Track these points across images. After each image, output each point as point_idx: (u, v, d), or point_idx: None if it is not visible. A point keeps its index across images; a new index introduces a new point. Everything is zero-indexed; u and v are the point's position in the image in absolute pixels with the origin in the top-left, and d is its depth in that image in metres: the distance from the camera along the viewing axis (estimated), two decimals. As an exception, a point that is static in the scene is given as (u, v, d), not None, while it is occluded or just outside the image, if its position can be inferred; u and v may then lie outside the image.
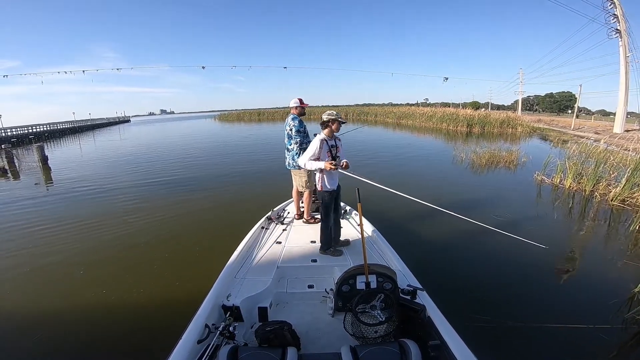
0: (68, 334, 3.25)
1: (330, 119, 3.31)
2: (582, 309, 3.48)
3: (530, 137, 21.54)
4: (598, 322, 3.21)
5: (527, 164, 10.86)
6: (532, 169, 9.74)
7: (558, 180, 8.21)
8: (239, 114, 59.73)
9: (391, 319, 2.19)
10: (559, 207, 6.99)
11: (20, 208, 7.63)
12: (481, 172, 10.30)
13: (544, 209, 6.86)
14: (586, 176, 7.68)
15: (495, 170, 10.46)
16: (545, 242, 3.82)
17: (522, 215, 6.33)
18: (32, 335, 3.22)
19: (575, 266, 4.50)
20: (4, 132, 27.90)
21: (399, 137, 23.49)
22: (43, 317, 3.51)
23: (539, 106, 72.35)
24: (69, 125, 43.63)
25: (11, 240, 5.68)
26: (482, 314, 3.29)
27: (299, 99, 4.11)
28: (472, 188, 8.51)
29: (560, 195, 7.62)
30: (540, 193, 7.88)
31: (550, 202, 7.37)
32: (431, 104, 73.71)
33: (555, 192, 7.86)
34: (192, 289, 3.70)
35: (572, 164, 8.11)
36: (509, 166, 10.76)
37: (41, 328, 3.31)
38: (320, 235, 3.43)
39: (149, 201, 7.85)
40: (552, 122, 32.53)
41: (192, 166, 12.56)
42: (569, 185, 7.89)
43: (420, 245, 5.02)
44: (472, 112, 29.05)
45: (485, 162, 11.09)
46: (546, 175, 8.67)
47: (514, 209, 6.73)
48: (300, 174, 4.13)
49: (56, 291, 4.06)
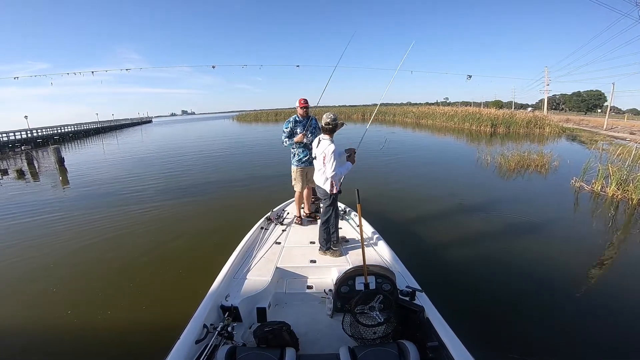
0: (65, 333, 3.27)
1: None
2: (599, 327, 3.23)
3: (560, 137, 20.36)
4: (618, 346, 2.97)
5: (559, 168, 10.07)
6: (565, 174, 9.00)
7: (599, 187, 7.45)
8: (256, 114, 60.41)
9: (390, 320, 2.17)
10: (599, 216, 6.32)
11: (42, 208, 7.67)
12: (509, 176, 9.56)
13: (582, 218, 6.30)
14: (633, 183, 6.91)
15: (524, 174, 9.68)
16: (574, 250, 4.02)
17: (557, 225, 5.87)
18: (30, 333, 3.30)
19: (595, 278, 4.20)
20: (29, 133, 28.76)
21: (421, 137, 22.75)
22: (44, 317, 3.56)
23: (566, 105, 69.58)
24: (93, 126, 44.91)
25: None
26: (481, 316, 3.32)
27: (299, 100, 4.04)
28: (501, 194, 7.87)
29: (601, 204, 6.89)
30: (577, 201, 7.18)
31: (589, 210, 6.71)
32: (451, 103, 72.01)
33: (595, 201, 7.12)
34: (190, 289, 3.72)
35: (615, 169, 7.34)
36: (540, 170, 9.95)
37: (41, 326, 3.39)
38: (320, 235, 3.39)
39: (150, 202, 7.89)
40: (582, 122, 30.89)
41: (194, 167, 12.63)
42: (612, 194, 7.13)
43: (420, 247, 4.98)
44: (496, 111, 27.91)
45: (514, 165, 10.32)
46: (585, 181, 7.91)
47: (548, 217, 6.18)
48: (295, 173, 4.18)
49: (56, 291, 4.06)
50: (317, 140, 3.39)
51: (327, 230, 3.36)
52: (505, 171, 10.04)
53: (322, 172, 3.29)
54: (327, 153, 3.15)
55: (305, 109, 4.01)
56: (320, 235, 3.38)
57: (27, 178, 12.09)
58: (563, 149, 14.46)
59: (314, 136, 3.82)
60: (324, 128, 3.26)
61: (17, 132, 26.99)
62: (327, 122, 3.22)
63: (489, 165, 10.85)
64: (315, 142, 3.44)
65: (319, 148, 3.30)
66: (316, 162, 3.37)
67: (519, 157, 10.77)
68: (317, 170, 3.40)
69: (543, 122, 23.48)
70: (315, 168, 3.43)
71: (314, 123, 4.08)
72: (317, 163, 3.36)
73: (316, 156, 3.35)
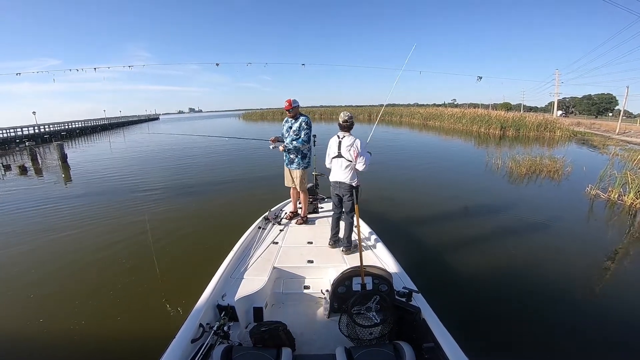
0: (61, 332, 3.23)
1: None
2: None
3: (570, 141, 19.92)
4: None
5: (572, 174, 9.73)
6: (578, 180, 8.71)
7: (616, 196, 7.14)
8: (262, 113, 60.61)
9: (386, 321, 2.17)
10: (614, 225, 6.08)
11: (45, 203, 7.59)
12: (520, 181, 9.25)
13: (598, 226, 6.10)
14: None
15: (536, 180, 9.37)
16: (584, 255, 4.06)
17: (567, 230, 5.77)
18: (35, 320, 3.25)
19: (607, 285, 4.12)
20: (37, 128, 28.93)
21: (428, 139, 22.42)
22: (43, 317, 3.49)
23: (575, 108, 68.50)
24: (100, 123, 45.21)
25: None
26: (477, 317, 3.34)
27: (286, 101, 4.09)
28: (510, 199, 7.54)
29: (617, 213, 6.59)
30: (592, 209, 6.88)
31: (604, 219, 6.43)
32: (459, 104, 71.31)
33: (611, 209, 6.82)
34: (187, 288, 3.71)
35: (634, 177, 7.01)
36: (552, 176, 9.62)
37: (40, 326, 3.34)
38: (350, 232, 3.47)
39: (148, 200, 7.85)
40: (593, 126, 30.26)
41: (193, 165, 12.59)
42: (631, 202, 6.80)
43: (417, 248, 4.97)
44: (505, 113, 27.44)
45: (525, 170, 9.99)
46: (600, 189, 7.58)
47: (558, 223, 6.02)
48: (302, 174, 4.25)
49: (53, 291, 4.03)
50: (336, 139, 3.44)
51: (351, 226, 3.46)
52: (515, 176, 9.74)
53: (349, 167, 3.39)
54: (358, 146, 3.32)
55: (289, 110, 4.05)
56: (350, 232, 3.46)
57: (29, 174, 12.05)
58: (575, 154, 14.05)
59: (298, 138, 4.06)
60: (343, 125, 3.40)
61: (24, 128, 27.18)
62: (344, 120, 3.39)
63: (499, 170, 10.54)
64: (333, 142, 3.48)
65: (342, 145, 3.38)
66: (339, 160, 3.42)
67: (531, 161, 10.45)
68: (341, 167, 3.43)
69: (554, 126, 23.00)
70: (338, 165, 3.45)
71: (301, 125, 4.09)
72: (340, 161, 3.42)
73: (339, 154, 3.40)
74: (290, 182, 4.38)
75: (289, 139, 4.14)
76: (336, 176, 3.50)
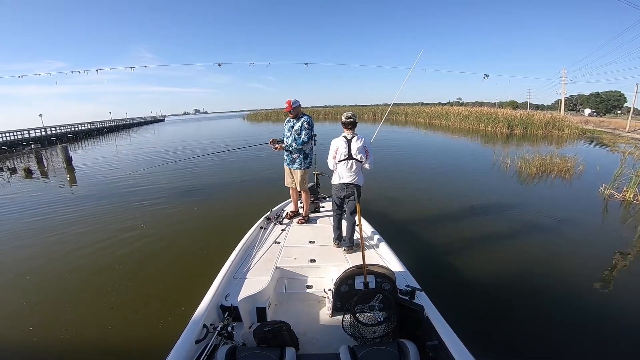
0: (64, 331, 3.25)
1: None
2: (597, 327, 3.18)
3: (580, 139, 19.56)
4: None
5: (584, 174, 9.48)
6: (591, 180, 8.48)
7: (631, 195, 6.92)
8: (266, 114, 60.71)
9: (390, 320, 2.16)
10: (630, 226, 5.83)
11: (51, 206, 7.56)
12: (530, 181, 9.02)
13: (613, 226, 5.92)
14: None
15: (547, 179, 9.14)
16: (596, 255, 3.99)
17: (580, 230, 5.66)
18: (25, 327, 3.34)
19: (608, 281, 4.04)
20: (43, 131, 29.17)
21: (434, 138, 22.21)
22: (43, 316, 3.55)
23: (583, 106, 67.64)
24: (106, 125, 45.52)
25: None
26: (481, 315, 3.30)
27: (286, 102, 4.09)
28: (519, 198, 7.31)
29: (633, 213, 6.38)
30: (607, 209, 6.66)
31: (619, 219, 6.23)
32: (464, 103, 70.77)
33: (626, 209, 6.61)
34: (190, 289, 3.69)
35: (650, 176, 6.78)
36: (564, 175, 9.39)
37: (40, 325, 3.39)
38: (353, 231, 3.44)
39: (151, 201, 7.89)
40: (602, 123, 29.77)
41: (195, 166, 12.52)
42: (647, 203, 6.57)
43: (420, 246, 4.94)
44: (513, 111, 27.10)
45: (535, 170, 9.75)
46: (615, 188, 7.35)
47: (569, 223, 5.90)
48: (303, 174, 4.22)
49: (53, 291, 4.08)
50: (344, 141, 3.34)
51: (354, 225, 3.41)
52: (525, 176, 9.51)
53: (359, 169, 3.38)
54: (368, 147, 3.33)
55: (290, 111, 4.04)
56: (353, 231, 3.44)
57: (35, 177, 12.10)
58: (586, 152, 13.75)
59: (299, 139, 4.02)
60: (347, 123, 3.34)
61: (31, 131, 27.40)
62: (348, 117, 3.35)
63: (508, 169, 10.32)
64: (340, 144, 3.37)
65: (353, 147, 3.30)
66: (348, 162, 3.34)
67: (541, 160, 10.22)
68: (351, 169, 3.36)
69: (562, 124, 22.64)
70: (347, 168, 3.37)
71: (302, 125, 4.04)
72: (350, 162, 3.34)
73: (349, 155, 3.31)
74: (290, 182, 4.35)
75: (291, 139, 4.10)
76: (344, 178, 3.41)
